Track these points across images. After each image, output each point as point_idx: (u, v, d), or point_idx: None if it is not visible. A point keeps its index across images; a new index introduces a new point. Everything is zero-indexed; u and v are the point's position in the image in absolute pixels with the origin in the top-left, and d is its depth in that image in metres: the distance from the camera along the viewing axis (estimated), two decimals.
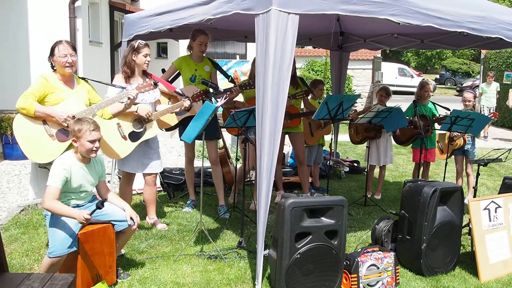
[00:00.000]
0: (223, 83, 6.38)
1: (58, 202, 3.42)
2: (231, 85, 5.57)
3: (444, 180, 5.91)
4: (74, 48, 4.14)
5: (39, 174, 4.11)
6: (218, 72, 5.68)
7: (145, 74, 4.88)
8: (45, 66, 4.24)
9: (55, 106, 3.99)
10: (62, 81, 4.11)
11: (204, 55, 5.58)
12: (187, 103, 4.86)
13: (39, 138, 3.95)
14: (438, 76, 40.02)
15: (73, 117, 3.97)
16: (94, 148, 3.56)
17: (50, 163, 3.63)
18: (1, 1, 9.52)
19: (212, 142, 5.55)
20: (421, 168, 6.45)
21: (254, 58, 5.69)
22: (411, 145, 6.55)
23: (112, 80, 4.88)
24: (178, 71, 5.63)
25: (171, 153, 9.70)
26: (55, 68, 4.10)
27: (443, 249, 4.17)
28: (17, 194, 6.39)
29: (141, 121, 4.69)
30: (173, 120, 5.37)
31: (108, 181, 3.95)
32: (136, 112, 4.62)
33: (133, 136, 4.66)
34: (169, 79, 5.61)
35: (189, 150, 5.72)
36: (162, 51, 16.33)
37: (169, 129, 5.48)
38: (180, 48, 14.73)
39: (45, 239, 4.52)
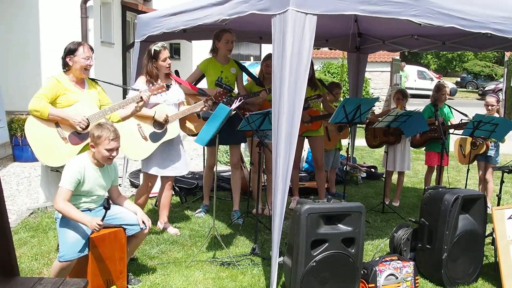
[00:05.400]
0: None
1: (70, 205, 3.45)
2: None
3: (466, 187, 5.86)
4: (93, 52, 4.20)
5: (50, 178, 4.14)
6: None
7: (168, 76, 4.92)
8: (56, 67, 4.28)
9: (68, 108, 4.02)
10: (73, 82, 4.14)
11: (229, 56, 5.59)
12: (209, 102, 4.89)
13: (51, 141, 3.98)
14: (459, 79, 39.64)
15: (87, 120, 4.01)
16: (111, 157, 3.59)
17: (62, 167, 3.66)
18: (12, 1, 9.66)
19: (237, 145, 5.58)
20: (434, 172, 6.41)
21: (265, 56, 5.78)
22: (424, 148, 6.52)
23: (126, 82, 4.91)
24: (202, 74, 5.61)
25: None
26: (66, 69, 4.13)
27: (465, 260, 4.12)
28: (27, 196, 6.45)
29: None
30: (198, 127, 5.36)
31: (119, 185, 3.97)
32: (154, 116, 4.66)
33: (154, 137, 4.70)
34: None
35: (211, 156, 5.68)
36: (174, 52, 16.43)
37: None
38: (194, 49, 14.82)
39: (55, 243, 4.56)
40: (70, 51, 4.08)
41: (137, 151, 4.67)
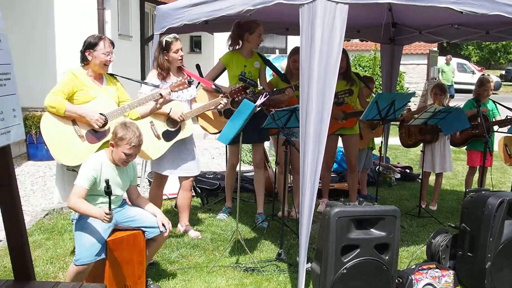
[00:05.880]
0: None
1: (83, 201, 3.49)
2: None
3: (511, 190, 5.75)
4: (113, 47, 4.25)
5: (66, 177, 4.20)
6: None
7: (180, 70, 4.94)
8: (73, 60, 4.34)
9: (85, 105, 4.08)
10: (91, 77, 4.20)
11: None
12: (224, 100, 4.91)
13: (68, 139, 4.03)
14: (503, 72, 38.84)
15: (105, 117, 4.06)
16: (127, 161, 3.65)
17: (79, 166, 3.72)
18: None
19: (260, 144, 5.60)
20: (476, 174, 6.33)
21: (292, 50, 5.76)
22: (465, 147, 6.43)
23: (144, 77, 4.96)
24: (224, 68, 5.60)
25: (204, 155, 9.78)
26: (85, 63, 4.18)
27: (511, 269, 4.04)
28: (41, 197, 6.58)
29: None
30: (221, 125, 5.37)
31: (137, 185, 4.02)
32: (169, 114, 4.69)
33: (167, 135, 4.73)
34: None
35: (233, 155, 5.70)
36: (195, 45, 16.53)
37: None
38: (215, 42, 14.86)
39: (71, 246, 4.64)
40: (90, 45, 4.12)
41: (149, 150, 4.69)
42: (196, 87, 5.24)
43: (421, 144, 6.44)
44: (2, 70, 2.46)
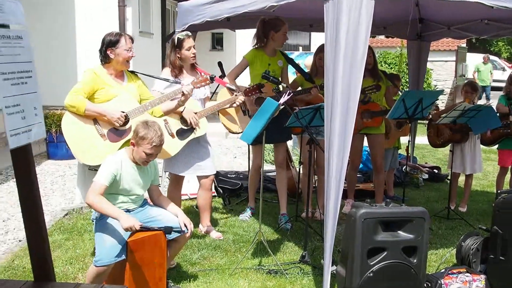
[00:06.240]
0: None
1: (103, 198, 3.49)
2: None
3: None
4: (133, 42, 4.29)
5: (87, 177, 4.22)
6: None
7: (193, 68, 4.95)
8: (93, 58, 4.38)
9: (106, 103, 4.11)
10: (112, 75, 4.23)
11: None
12: (239, 98, 4.91)
13: (89, 139, 4.07)
14: None
15: (126, 116, 4.09)
16: (147, 160, 3.67)
17: (100, 166, 3.75)
18: None
19: (283, 143, 5.59)
20: (508, 174, 6.23)
21: (318, 48, 5.73)
22: (496, 146, 6.34)
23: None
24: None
25: (226, 155, 9.80)
26: (105, 61, 4.21)
27: None
28: (61, 196, 6.66)
29: None
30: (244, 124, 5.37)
31: (159, 185, 4.03)
32: (182, 113, 4.69)
33: (181, 134, 4.73)
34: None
35: (257, 156, 5.66)
36: (217, 42, 16.58)
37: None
38: (237, 39, 14.89)
39: (91, 246, 4.68)
40: (111, 43, 4.14)
41: (163, 149, 4.70)
42: (217, 86, 5.26)
43: (450, 144, 6.36)
44: (24, 68, 2.49)
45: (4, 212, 5.92)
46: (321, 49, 5.61)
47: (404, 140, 6.89)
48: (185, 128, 4.75)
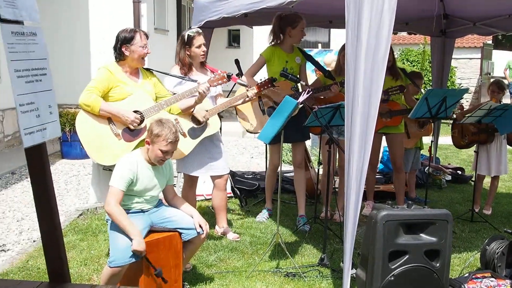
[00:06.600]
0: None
1: (123, 210, 3.55)
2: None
3: None
4: (147, 38, 4.31)
5: (102, 177, 4.26)
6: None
7: (202, 65, 4.96)
8: (107, 55, 4.41)
9: (121, 102, 4.12)
10: (127, 73, 4.25)
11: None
12: (251, 93, 4.91)
13: (104, 138, 4.09)
14: None
15: (141, 116, 4.11)
16: (163, 159, 3.69)
17: (115, 166, 3.77)
18: None
19: (301, 143, 5.59)
20: None
21: (342, 46, 5.70)
22: None
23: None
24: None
25: (243, 154, 9.82)
26: (120, 58, 4.22)
27: None
28: (75, 196, 6.72)
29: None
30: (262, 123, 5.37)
31: (174, 185, 4.05)
32: (193, 112, 4.69)
33: (193, 133, 4.73)
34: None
35: (275, 156, 5.68)
36: (233, 39, 16.58)
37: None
38: (254, 36, 14.88)
39: (105, 247, 4.72)
40: (126, 40, 4.16)
41: (177, 148, 4.70)
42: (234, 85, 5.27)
43: (474, 145, 6.29)
44: (38, 65, 2.50)
45: (18, 212, 6.00)
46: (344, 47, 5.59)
47: (426, 140, 6.84)
48: (197, 126, 4.76)
